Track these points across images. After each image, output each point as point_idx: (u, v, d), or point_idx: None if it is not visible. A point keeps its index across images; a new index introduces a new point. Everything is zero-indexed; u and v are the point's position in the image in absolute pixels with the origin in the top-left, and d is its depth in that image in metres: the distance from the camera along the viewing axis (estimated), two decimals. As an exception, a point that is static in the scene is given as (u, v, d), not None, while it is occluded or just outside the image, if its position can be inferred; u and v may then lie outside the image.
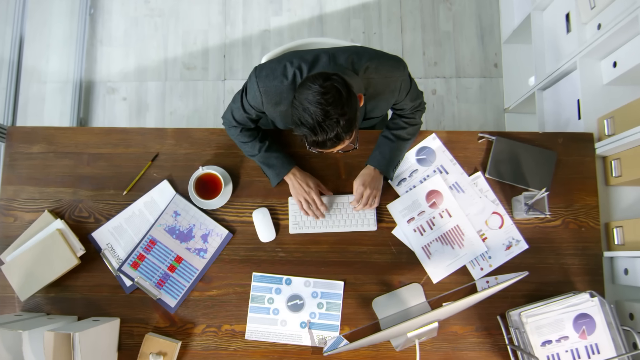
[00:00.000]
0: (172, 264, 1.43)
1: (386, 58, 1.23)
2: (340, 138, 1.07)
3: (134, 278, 1.41)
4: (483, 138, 1.53)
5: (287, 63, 1.20)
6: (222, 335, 1.43)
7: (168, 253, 1.43)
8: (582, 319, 1.36)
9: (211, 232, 1.45)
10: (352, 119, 1.06)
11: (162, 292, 1.41)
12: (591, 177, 1.51)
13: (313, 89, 1.04)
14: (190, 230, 1.45)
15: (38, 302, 1.44)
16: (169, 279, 1.42)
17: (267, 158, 1.41)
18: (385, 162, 1.42)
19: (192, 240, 1.44)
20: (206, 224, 1.45)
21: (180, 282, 1.42)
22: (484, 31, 2.54)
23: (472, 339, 1.43)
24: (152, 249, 1.43)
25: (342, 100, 1.04)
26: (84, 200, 1.48)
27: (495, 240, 1.47)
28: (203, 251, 1.44)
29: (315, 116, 1.03)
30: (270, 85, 1.21)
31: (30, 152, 1.51)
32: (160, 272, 1.42)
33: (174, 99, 2.51)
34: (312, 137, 1.06)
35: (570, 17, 1.82)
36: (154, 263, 1.43)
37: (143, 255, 1.42)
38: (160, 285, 1.41)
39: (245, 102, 1.30)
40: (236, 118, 1.36)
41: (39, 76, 2.53)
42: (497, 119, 2.47)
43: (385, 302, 1.44)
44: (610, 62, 1.61)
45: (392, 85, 1.25)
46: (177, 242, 1.44)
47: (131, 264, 1.42)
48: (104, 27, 2.57)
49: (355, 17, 2.56)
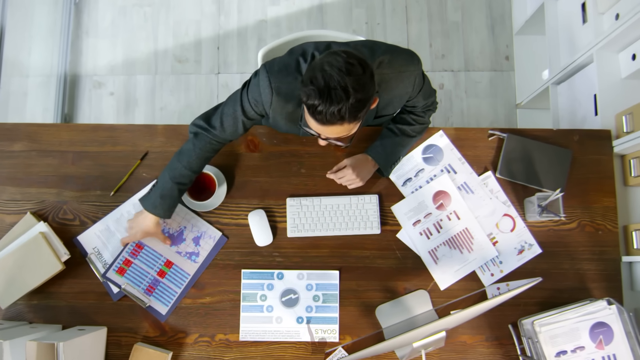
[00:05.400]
0: (161, 269, 1.43)
1: (400, 52, 1.24)
2: (343, 117, 1.04)
3: (121, 285, 1.42)
4: (493, 135, 1.54)
5: (299, 58, 1.20)
6: (216, 345, 1.43)
7: (157, 257, 1.43)
8: (599, 328, 1.36)
9: (203, 234, 1.45)
10: (363, 101, 1.04)
11: (152, 299, 1.42)
12: (609, 177, 1.51)
13: (341, 56, 1.03)
14: (181, 233, 1.45)
15: (20, 310, 1.44)
16: (158, 285, 1.42)
17: (172, 190, 1.31)
18: (385, 155, 1.43)
19: (182, 243, 1.45)
20: (198, 225, 1.45)
21: (171, 288, 1.43)
22: (495, 21, 2.54)
23: (482, 349, 1.43)
24: (139, 253, 1.43)
25: (362, 79, 1.03)
26: (69, 202, 1.48)
27: (506, 244, 1.47)
28: (195, 255, 1.44)
29: (329, 80, 1.01)
30: (284, 82, 1.21)
31: (11, 150, 1.51)
32: (149, 278, 1.43)
33: (164, 93, 2.51)
34: (313, 100, 1.03)
35: (587, 6, 1.82)
36: (142, 268, 1.43)
37: (129, 261, 1.43)
38: (150, 291, 1.42)
39: (246, 102, 1.26)
40: (225, 124, 1.29)
41: (21, 69, 2.53)
42: (509, 115, 2.47)
43: (390, 310, 1.44)
44: (629, 55, 1.61)
45: (406, 81, 1.25)
46: (166, 245, 1.44)
47: (117, 269, 1.42)
48: (90, 17, 2.57)
49: (358, 6, 2.56)
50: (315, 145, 1.51)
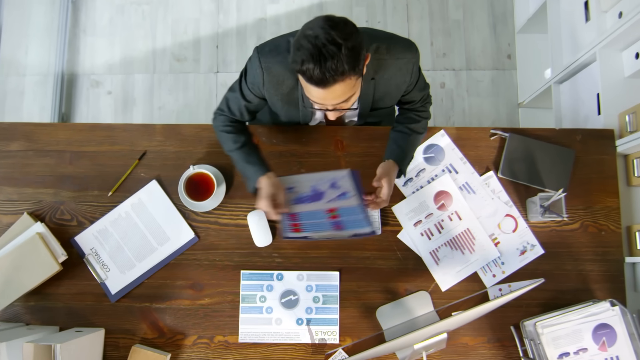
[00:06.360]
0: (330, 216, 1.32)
1: (398, 39, 1.26)
2: (343, 71, 1.02)
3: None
4: (495, 135, 1.53)
5: (290, 38, 1.19)
6: (215, 347, 1.43)
7: (317, 212, 1.33)
8: (602, 329, 1.36)
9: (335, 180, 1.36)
10: (356, 49, 1.03)
11: (346, 224, 1.28)
12: (612, 177, 1.51)
13: (318, 18, 1.04)
14: (315, 190, 1.37)
15: (17, 312, 1.43)
16: (339, 218, 1.30)
17: (249, 155, 1.36)
18: (403, 155, 1.42)
19: (325, 195, 1.36)
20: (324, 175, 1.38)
21: (353, 210, 1.31)
22: (497, 20, 2.54)
23: (484, 351, 1.43)
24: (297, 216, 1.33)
25: (347, 29, 1.03)
26: (66, 202, 1.48)
27: (508, 244, 1.47)
28: (344, 194, 1.34)
29: (315, 40, 1.00)
30: (273, 61, 1.22)
31: (8, 150, 1.51)
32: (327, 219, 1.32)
33: (162, 92, 2.51)
34: (308, 64, 1.01)
35: (590, 4, 1.82)
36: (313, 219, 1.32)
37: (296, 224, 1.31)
38: (339, 228, 1.29)
39: (245, 87, 1.30)
40: (231, 107, 1.36)
41: (18, 68, 2.53)
42: (511, 114, 2.47)
43: (390, 311, 1.44)
44: (633, 53, 1.61)
45: (404, 68, 1.26)
46: (313, 203, 1.35)
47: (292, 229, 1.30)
48: (88, 16, 2.57)
49: (358, 4, 2.56)
50: (315, 145, 1.51)
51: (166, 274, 1.45)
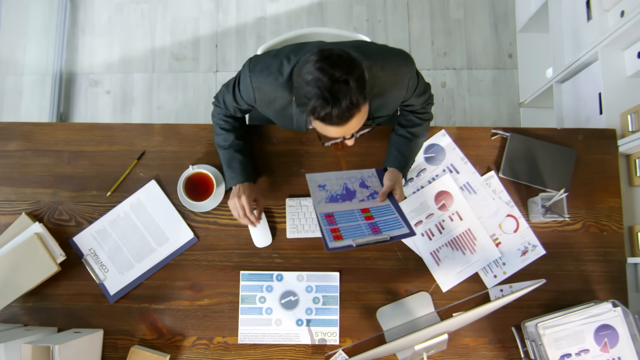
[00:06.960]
0: (364, 216, 1.34)
1: (392, 54, 1.23)
2: (357, 104, 1.03)
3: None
4: (496, 134, 1.53)
5: (283, 59, 1.20)
6: (214, 349, 1.43)
7: (352, 213, 1.35)
8: (603, 330, 1.36)
9: (363, 179, 1.41)
10: (361, 78, 1.04)
11: (386, 232, 1.28)
12: (614, 177, 1.51)
13: (311, 60, 1.04)
14: (346, 189, 1.40)
15: (15, 313, 1.44)
16: (377, 223, 1.31)
17: (232, 159, 1.39)
18: (405, 161, 1.42)
19: (357, 195, 1.39)
20: (353, 174, 1.42)
21: (388, 215, 1.33)
22: (498, 19, 2.54)
23: (485, 352, 1.43)
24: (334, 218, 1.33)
25: (344, 62, 1.03)
26: (65, 202, 1.48)
27: (509, 245, 1.47)
28: (372, 194, 1.39)
29: (320, 84, 1.01)
30: (264, 82, 1.21)
31: (6, 149, 1.51)
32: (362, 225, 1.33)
33: (161, 92, 2.51)
34: (324, 109, 1.02)
35: (591, 3, 1.82)
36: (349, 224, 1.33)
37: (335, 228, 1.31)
38: (376, 230, 1.30)
39: (237, 94, 1.31)
40: (226, 103, 1.36)
41: (16, 67, 2.53)
42: (512, 114, 2.47)
43: (391, 312, 1.44)
44: (635, 53, 1.61)
45: (400, 83, 1.25)
46: (346, 202, 1.37)
47: (333, 238, 1.29)
48: (86, 15, 2.57)
49: (359, 3, 2.56)
50: (315, 145, 1.51)
51: (165, 274, 1.45)
